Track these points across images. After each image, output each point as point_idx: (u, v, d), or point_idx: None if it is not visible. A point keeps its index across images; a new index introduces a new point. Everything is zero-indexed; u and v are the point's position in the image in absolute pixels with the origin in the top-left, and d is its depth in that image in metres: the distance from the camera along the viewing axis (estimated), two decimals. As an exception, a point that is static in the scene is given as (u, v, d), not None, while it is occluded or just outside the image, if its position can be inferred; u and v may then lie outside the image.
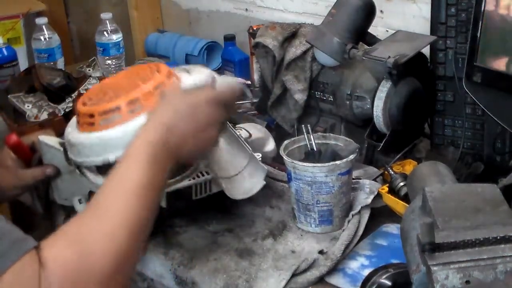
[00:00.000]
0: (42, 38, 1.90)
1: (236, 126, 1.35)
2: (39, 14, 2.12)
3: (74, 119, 1.16)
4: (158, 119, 0.97)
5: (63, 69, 1.84)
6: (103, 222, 0.86)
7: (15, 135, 1.22)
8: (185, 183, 1.13)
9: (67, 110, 1.59)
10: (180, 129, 0.96)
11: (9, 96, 1.61)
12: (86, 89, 1.62)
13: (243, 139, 1.25)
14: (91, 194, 1.19)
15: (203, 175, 1.14)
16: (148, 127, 0.96)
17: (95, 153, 1.08)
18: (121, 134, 1.04)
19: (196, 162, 1.12)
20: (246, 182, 1.17)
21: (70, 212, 1.28)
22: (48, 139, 1.22)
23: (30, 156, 1.24)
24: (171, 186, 1.12)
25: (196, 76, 1.11)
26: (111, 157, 1.05)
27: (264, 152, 1.34)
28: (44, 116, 1.57)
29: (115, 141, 1.05)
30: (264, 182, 1.19)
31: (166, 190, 1.11)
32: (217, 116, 1.01)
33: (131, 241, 0.86)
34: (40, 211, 1.34)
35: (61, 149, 1.18)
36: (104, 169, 1.09)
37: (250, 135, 1.35)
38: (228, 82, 1.09)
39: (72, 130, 1.13)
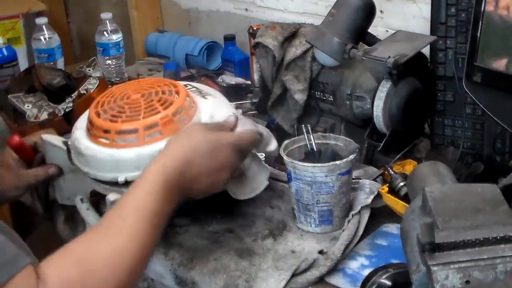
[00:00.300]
0: (42, 38, 1.90)
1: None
2: (39, 14, 2.12)
3: (81, 123, 1.15)
4: (179, 149, 0.98)
5: (63, 69, 1.84)
6: (110, 243, 0.86)
7: (17, 136, 1.22)
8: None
9: (67, 110, 1.59)
10: (197, 165, 0.98)
11: (9, 96, 1.61)
12: (86, 89, 1.62)
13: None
14: (93, 193, 1.19)
15: None
16: (167, 155, 0.97)
17: (105, 168, 1.08)
18: (135, 157, 1.05)
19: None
20: (250, 182, 1.17)
21: (70, 212, 1.28)
22: (52, 138, 1.22)
23: (32, 156, 1.25)
24: None
25: (216, 109, 1.13)
26: (120, 177, 1.06)
27: (267, 151, 1.33)
28: (44, 116, 1.57)
29: (128, 163, 1.06)
30: (268, 182, 1.19)
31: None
32: (234, 160, 1.03)
33: (135, 265, 0.87)
34: (40, 211, 1.34)
35: (65, 148, 1.18)
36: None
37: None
38: (249, 128, 1.11)
39: (81, 137, 1.13)
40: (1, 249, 0.80)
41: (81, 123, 1.17)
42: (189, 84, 1.23)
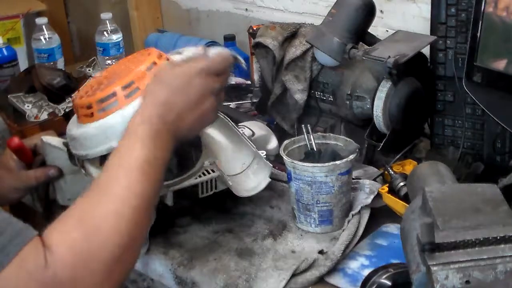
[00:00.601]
0: (42, 38, 1.90)
1: (239, 124, 1.35)
2: (39, 14, 2.12)
3: (74, 117, 1.15)
4: (153, 97, 0.96)
5: (63, 69, 1.84)
6: (107, 200, 0.86)
7: (17, 138, 1.22)
8: (192, 181, 1.13)
9: (67, 110, 1.59)
10: (176, 104, 0.96)
11: (9, 96, 1.61)
12: (86, 89, 1.62)
13: (247, 137, 1.25)
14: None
15: (209, 173, 1.15)
16: (144, 106, 0.95)
17: (98, 143, 1.07)
18: (121, 119, 1.03)
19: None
20: (252, 180, 1.18)
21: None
22: (52, 140, 1.22)
23: (32, 159, 1.24)
24: (178, 185, 1.12)
25: (186, 53, 1.09)
26: (114, 144, 1.02)
27: (267, 150, 1.34)
28: (44, 116, 1.57)
29: (116, 128, 1.03)
30: (269, 180, 1.20)
31: (173, 189, 1.11)
32: (211, 85, 0.99)
33: (136, 218, 0.86)
34: (40, 211, 1.34)
35: (65, 149, 1.18)
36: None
37: (253, 133, 1.35)
38: (219, 51, 1.05)
39: (72, 126, 1.12)
40: (8, 223, 0.81)
41: (74, 117, 1.16)
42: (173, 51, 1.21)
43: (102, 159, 1.13)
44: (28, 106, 1.59)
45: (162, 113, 0.94)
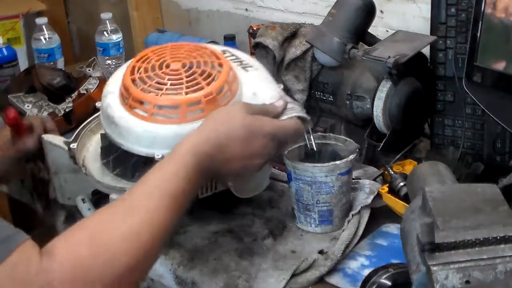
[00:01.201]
0: (42, 38, 1.90)
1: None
2: (39, 14, 2.12)
3: (113, 86, 1.09)
4: (213, 133, 0.94)
5: (63, 69, 1.85)
6: (129, 221, 0.84)
7: (14, 110, 1.22)
8: None
9: (67, 110, 1.59)
10: (230, 152, 0.94)
11: (9, 96, 1.61)
12: (86, 89, 1.62)
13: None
14: (94, 193, 1.19)
15: None
16: (201, 136, 0.93)
17: (141, 143, 1.03)
18: (174, 135, 1.00)
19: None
20: (252, 180, 1.17)
21: (70, 211, 1.28)
22: (53, 138, 1.22)
23: (24, 132, 1.24)
24: None
25: (263, 97, 1.06)
26: (157, 153, 1.01)
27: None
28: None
29: (166, 140, 1.00)
30: (270, 180, 1.20)
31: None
32: (271, 150, 0.99)
33: (151, 245, 0.84)
34: (40, 211, 1.34)
35: (66, 148, 1.18)
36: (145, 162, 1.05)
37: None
38: (295, 120, 1.02)
39: (114, 104, 1.06)
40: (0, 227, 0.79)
41: (112, 86, 1.10)
42: (227, 51, 1.16)
43: (103, 157, 1.14)
44: (28, 106, 1.59)
45: (214, 154, 0.93)
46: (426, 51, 1.31)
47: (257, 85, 1.08)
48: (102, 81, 1.66)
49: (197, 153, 0.91)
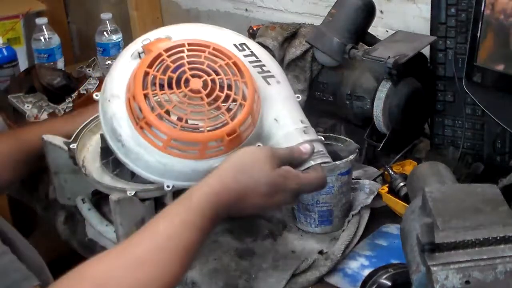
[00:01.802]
0: (42, 38, 1.90)
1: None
2: (39, 14, 2.12)
3: (117, 89, 0.98)
4: (235, 184, 0.88)
5: (63, 69, 1.84)
6: (139, 275, 0.80)
7: None
8: (193, 182, 1.13)
9: (67, 110, 1.59)
10: (250, 202, 0.90)
11: (9, 96, 1.61)
12: (86, 89, 1.62)
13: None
14: (94, 193, 1.19)
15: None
16: (221, 186, 0.88)
17: (151, 170, 0.96)
18: (190, 171, 0.94)
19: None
20: None
21: (70, 212, 1.28)
22: (53, 138, 1.22)
23: None
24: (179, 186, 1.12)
25: (287, 143, 0.98)
26: (167, 183, 0.96)
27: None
28: (44, 116, 1.57)
29: (180, 173, 0.95)
30: None
31: (173, 189, 1.09)
32: (291, 202, 0.97)
33: None
34: (40, 211, 1.34)
35: (65, 148, 1.18)
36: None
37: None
38: (320, 175, 0.96)
39: (121, 116, 0.96)
40: (15, 268, 0.77)
41: (117, 88, 0.98)
42: (245, 46, 1.05)
43: (102, 158, 1.14)
44: (28, 106, 1.59)
45: (233, 204, 0.88)
46: (426, 51, 1.31)
47: (279, 107, 1.01)
48: (102, 81, 1.66)
49: (215, 202, 0.86)
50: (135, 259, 0.81)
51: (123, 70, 1.01)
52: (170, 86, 0.94)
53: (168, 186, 0.96)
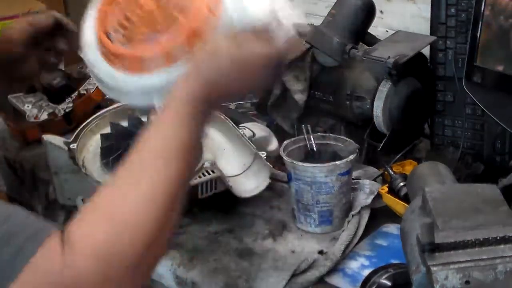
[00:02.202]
0: (42, 38, 1.90)
1: (240, 125, 1.35)
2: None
3: (88, 35, 0.98)
4: (203, 74, 0.85)
5: (63, 69, 1.84)
6: (141, 187, 0.77)
7: None
8: (192, 181, 1.13)
9: (67, 110, 1.59)
10: (224, 87, 0.86)
11: (9, 96, 1.61)
12: (86, 89, 1.62)
13: (247, 138, 1.26)
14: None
15: (209, 174, 1.15)
16: (191, 82, 0.84)
17: (136, 98, 0.93)
18: (165, 82, 0.89)
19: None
20: (252, 180, 1.17)
21: (70, 212, 1.28)
22: (53, 138, 1.22)
23: None
24: None
25: (251, 13, 0.89)
26: (157, 104, 0.90)
27: (268, 151, 1.34)
28: (44, 116, 1.57)
29: (158, 88, 0.89)
30: (269, 181, 1.20)
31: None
32: (267, 77, 0.90)
33: (171, 208, 0.78)
34: (40, 211, 1.34)
35: (65, 148, 1.18)
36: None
37: (254, 134, 1.35)
38: (290, 37, 0.89)
39: (96, 59, 0.94)
40: (26, 224, 0.76)
41: (88, 35, 0.99)
42: None
43: (103, 158, 1.14)
44: (28, 106, 1.59)
45: (207, 92, 0.84)
46: (426, 51, 1.31)
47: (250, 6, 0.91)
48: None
49: (190, 100, 0.83)
50: (134, 174, 0.79)
51: (89, 20, 1.02)
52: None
53: (160, 106, 0.89)
